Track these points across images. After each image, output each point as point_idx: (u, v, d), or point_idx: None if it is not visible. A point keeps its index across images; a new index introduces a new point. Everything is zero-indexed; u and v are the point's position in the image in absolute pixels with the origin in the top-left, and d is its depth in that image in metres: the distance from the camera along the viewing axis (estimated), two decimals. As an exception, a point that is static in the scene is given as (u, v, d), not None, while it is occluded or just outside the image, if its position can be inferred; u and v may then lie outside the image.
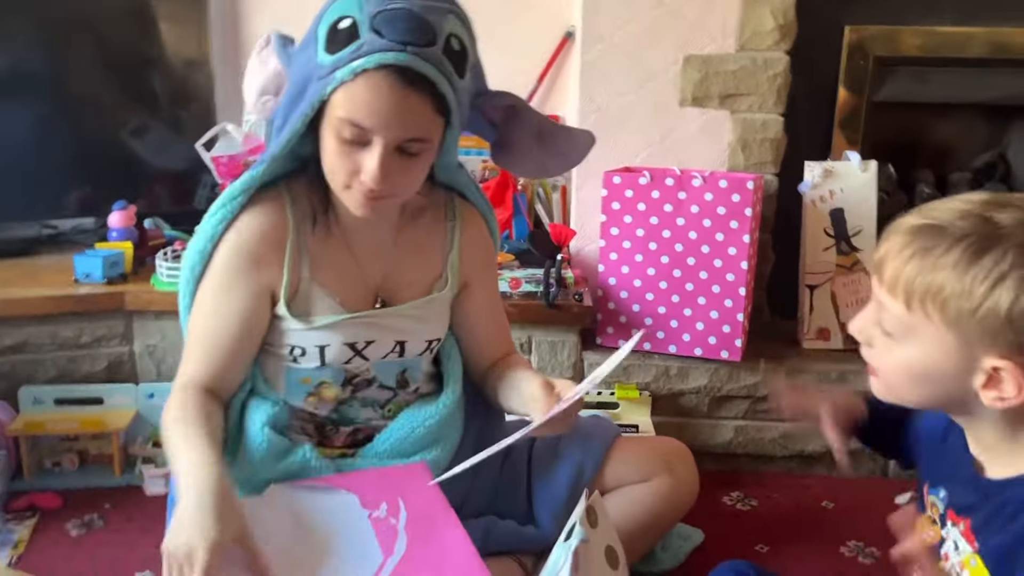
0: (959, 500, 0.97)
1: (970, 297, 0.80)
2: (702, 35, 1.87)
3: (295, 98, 1.10)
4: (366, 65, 1.02)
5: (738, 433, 1.85)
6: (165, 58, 2.16)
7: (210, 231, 1.17)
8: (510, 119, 1.22)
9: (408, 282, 1.26)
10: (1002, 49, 1.97)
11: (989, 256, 0.79)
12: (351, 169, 1.08)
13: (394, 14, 1.03)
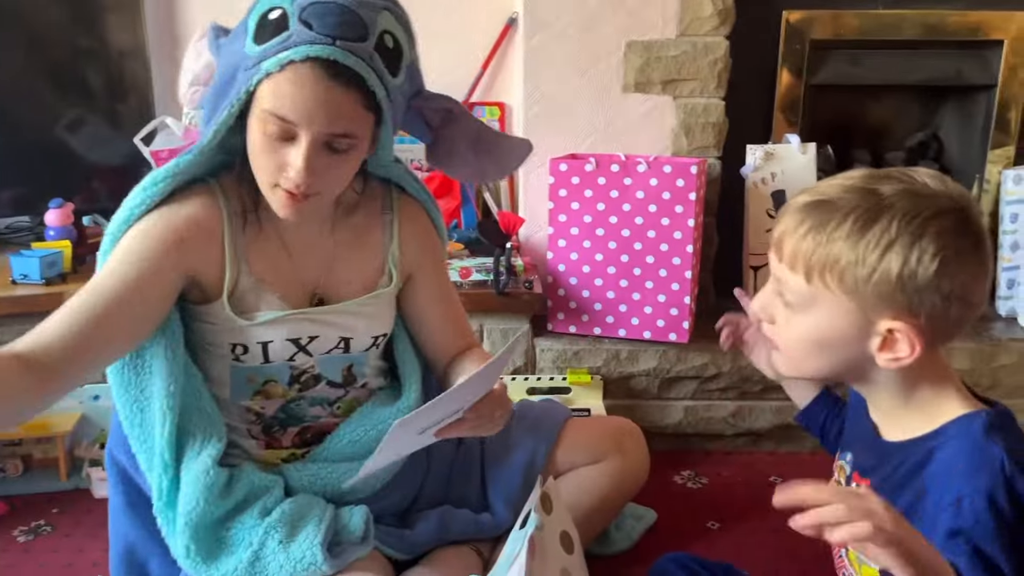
0: (862, 462, 1.01)
1: (864, 265, 0.85)
2: (643, 21, 1.88)
3: (222, 89, 1.08)
4: (292, 57, 1.01)
5: (687, 413, 1.89)
6: (99, 49, 2.10)
7: (125, 214, 1.12)
8: (447, 123, 1.21)
9: (347, 279, 1.23)
10: (933, 31, 2.02)
11: (878, 225, 0.85)
12: (276, 165, 1.06)
13: (325, 7, 1.02)
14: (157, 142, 2.02)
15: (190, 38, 2.17)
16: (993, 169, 2.09)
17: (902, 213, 0.84)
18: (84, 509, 1.64)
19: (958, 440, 0.89)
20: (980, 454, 0.86)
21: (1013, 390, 1.87)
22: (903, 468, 0.94)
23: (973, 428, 0.89)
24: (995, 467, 0.85)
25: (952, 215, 0.85)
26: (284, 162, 1.05)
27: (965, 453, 0.87)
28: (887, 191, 0.86)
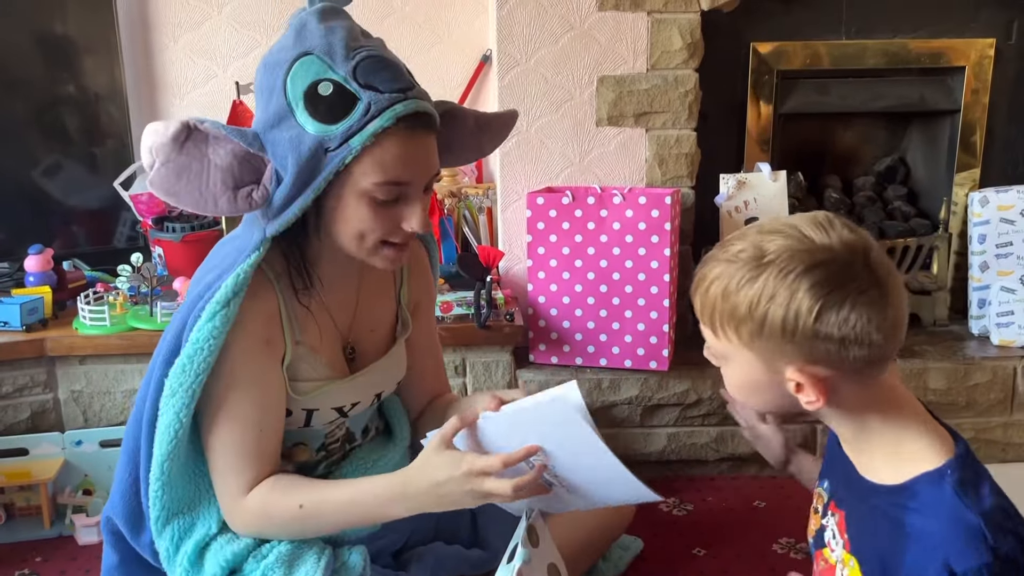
0: (838, 492, 1.04)
1: (752, 320, 0.90)
2: (614, 56, 1.92)
3: (301, 176, 1.04)
4: (385, 124, 1.01)
5: (671, 440, 1.90)
6: (77, 93, 2.11)
7: (217, 335, 1.08)
8: (446, 123, 1.19)
9: (370, 327, 1.25)
10: (897, 59, 2.08)
11: (759, 282, 0.89)
12: (389, 227, 1.08)
13: (372, 65, 1.02)
14: (136, 186, 2.03)
15: (168, 82, 2.20)
16: (960, 191, 2.14)
17: (778, 270, 0.89)
18: (68, 556, 1.62)
19: (934, 509, 0.90)
20: (961, 526, 0.87)
21: (987, 408, 1.91)
22: (876, 513, 0.95)
23: (945, 493, 0.90)
24: (978, 539, 0.86)
25: (828, 266, 0.88)
26: (396, 221, 1.08)
27: (945, 526, 0.88)
28: (771, 247, 0.90)
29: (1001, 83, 2.11)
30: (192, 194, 1.05)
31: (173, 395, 1.10)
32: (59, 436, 1.74)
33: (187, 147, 1.05)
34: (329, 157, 1.02)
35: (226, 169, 1.05)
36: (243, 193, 1.05)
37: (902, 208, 2.24)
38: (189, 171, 1.04)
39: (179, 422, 1.10)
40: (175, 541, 1.14)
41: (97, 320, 1.79)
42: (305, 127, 1.02)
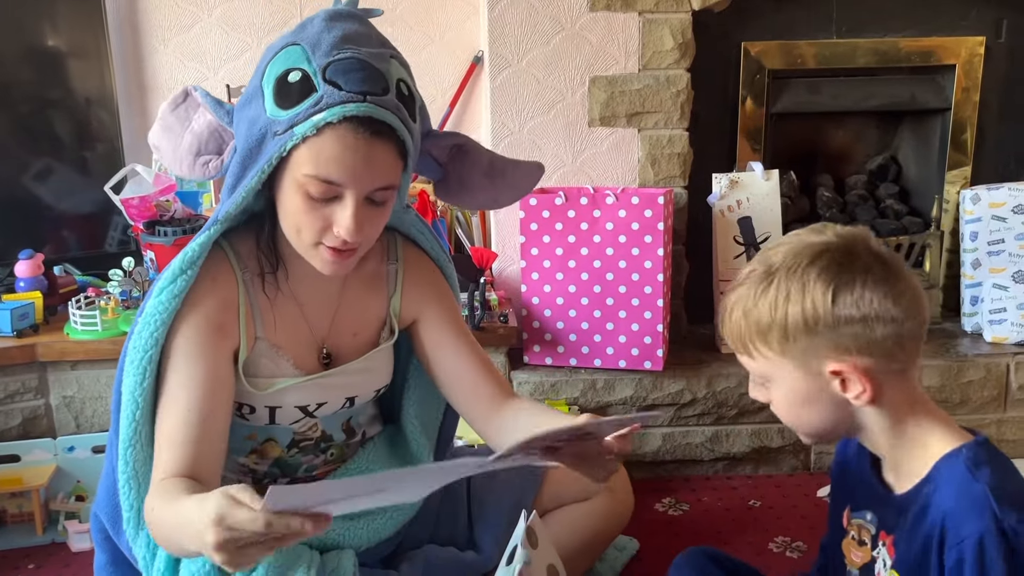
0: (885, 520, 1.03)
1: (776, 326, 0.93)
2: (606, 57, 1.92)
3: (248, 156, 1.06)
4: (329, 118, 0.99)
5: (665, 440, 1.90)
6: (67, 97, 2.10)
7: (163, 309, 1.09)
8: (458, 157, 1.20)
9: (352, 331, 1.23)
10: (887, 58, 2.09)
11: (772, 287, 0.94)
12: (320, 226, 1.05)
13: (347, 64, 1.01)
14: (127, 190, 2.02)
15: (158, 86, 2.19)
16: (951, 189, 2.15)
17: (786, 270, 0.94)
18: (62, 563, 1.61)
19: (947, 483, 0.93)
20: (967, 496, 0.90)
21: (981, 405, 1.91)
22: (911, 517, 0.96)
23: (957, 467, 0.93)
24: (983, 506, 0.89)
25: (831, 253, 0.93)
26: (328, 221, 1.05)
27: (953, 496, 0.91)
28: (776, 257, 0.95)
29: (991, 81, 2.11)
30: (168, 152, 1.15)
31: (127, 375, 1.10)
32: (51, 442, 1.73)
33: (179, 110, 1.14)
34: (273, 141, 1.03)
35: (197, 135, 1.12)
36: (202, 160, 1.12)
37: (894, 206, 2.24)
38: (172, 131, 1.14)
39: (135, 403, 1.09)
40: (151, 547, 1.12)
41: (88, 325, 1.78)
42: (266, 109, 1.04)
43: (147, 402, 1.10)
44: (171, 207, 2.04)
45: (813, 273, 0.92)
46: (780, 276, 0.93)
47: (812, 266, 0.92)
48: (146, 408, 1.10)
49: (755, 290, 0.95)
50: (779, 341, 0.94)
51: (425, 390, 1.34)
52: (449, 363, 1.27)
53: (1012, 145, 2.18)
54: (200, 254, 1.10)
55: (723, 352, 1.97)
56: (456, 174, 1.20)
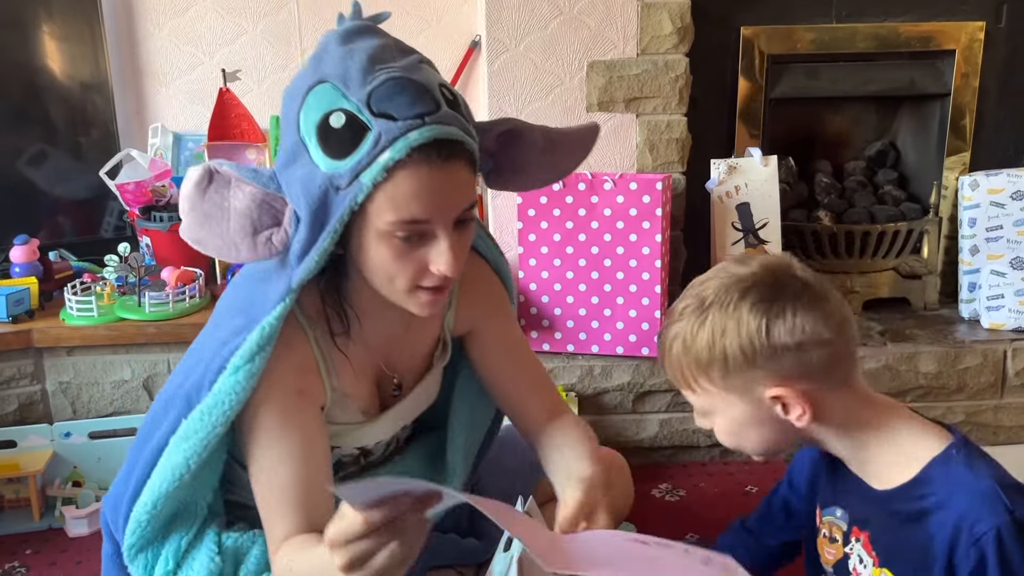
0: (857, 515, 1.04)
1: (716, 360, 0.96)
2: (604, 41, 1.91)
3: (315, 218, 0.96)
4: (396, 156, 0.91)
5: (662, 426, 1.90)
6: (61, 82, 2.09)
7: (240, 390, 1.03)
8: (510, 142, 1.10)
9: (410, 353, 1.19)
10: (886, 42, 2.08)
11: (708, 322, 0.96)
12: (415, 269, 0.99)
13: (388, 88, 0.92)
14: (123, 175, 2.01)
15: (153, 70, 2.18)
16: (950, 175, 2.14)
17: (718, 306, 0.96)
18: (58, 548, 1.61)
19: (949, 487, 0.93)
20: (977, 495, 0.92)
21: (978, 391, 1.91)
22: (897, 517, 0.97)
23: (955, 470, 0.94)
24: (994, 500, 0.90)
25: (759, 285, 0.95)
26: (423, 262, 0.98)
27: (963, 498, 0.92)
28: (708, 292, 0.97)
29: (991, 66, 2.11)
30: (215, 241, 1.00)
31: (187, 439, 1.05)
32: (47, 428, 1.73)
33: (210, 192, 0.99)
34: (340, 196, 0.94)
35: (245, 213, 0.99)
36: (262, 238, 0.99)
37: (892, 192, 2.24)
38: (211, 218, 0.99)
39: (187, 467, 1.06)
40: (148, 570, 1.12)
41: (84, 311, 1.78)
42: (317, 164, 0.94)
43: (199, 468, 1.07)
44: (167, 192, 2.03)
45: (745, 307, 0.94)
46: (714, 311, 0.96)
47: (744, 300, 0.94)
48: (194, 472, 1.07)
49: (691, 326, 0.97)
50: (720, 375, 0.96)
51: (474, 397, 1.31)
52: (499, 376, 1.26)
53: (1011, 131, 2.17)
54: (277, 328, 1.03)
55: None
56: (509, 160, 1.10)
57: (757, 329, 0.93)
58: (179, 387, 1.10)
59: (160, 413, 1.13)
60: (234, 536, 1.14)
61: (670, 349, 0.99)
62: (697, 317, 0.96)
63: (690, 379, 0.99)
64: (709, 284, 0.98)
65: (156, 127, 2.16)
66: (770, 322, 0.93)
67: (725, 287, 0.96)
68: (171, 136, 2.16)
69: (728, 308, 0.95)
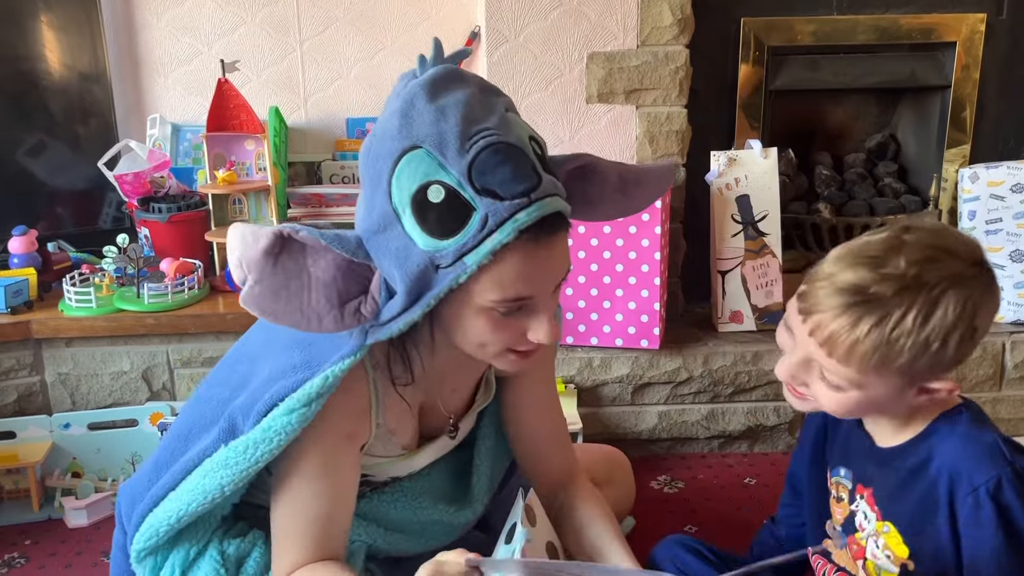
0: (862, 473, 1.05)
1: (926, 354, 0.90)
2: (604, 32, 1.90)
3: (412, 292, 0.93)
4: (504, 240, 0.88)
5: (661, 418, 1.90)
6: (59, 72, 2.08)
7: (291, 431, 1.01)
8: (583, 178, 1.08)
9: (453, 387, 1.19)
10: (887, 34, 2.07)
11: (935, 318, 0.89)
12: (513, 338, 0.98)
13: (490, 159, 0.88)
14: (121, 166, 2.01)
15: (152, 60, 2.17)
16: (950, 168, 2.13)
17: (954, 302, 0.89)
18: (58, 539, 1.62)
19: (950, 437, 0.97)
20: (977, 444, 0.95)
21: (976, 384, 1.92)
22: (903, 470, 1.00)
23: (961, 421, 0.97)
24: (995, 452, 0.93)
25: (978, 278, 0.92)
26: (521, 330, 0.98)
27: (960, 447, 0.95)
28: (930, 278, 0.90)
29: (992, 58, 2.10)
30: (292, 314, 0.93)
31: (226, 467, 1.04)
32: (47, 419, 1.73)
33: (282, 261, 0.92)
34: (441, 274, 0.91)
35: (329, 284, 0.93)
36: (350, 309, 0.94)
37: (892, 185, 2.23)
38: (287, 289, 0.92)
39: (220, 493, 1.05)
40: (153, 572, 1.12)
41: (83, 302, 1.78)
42: (413, 238, 0.90)
43: (232, 493, 1.07)
44: (166, 183, 2.03)
45: (979, 312, 0.91)
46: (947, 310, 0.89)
47: (978, 305, 0.90)
48: (228, 498, 1.08)
49: (911, 319, 0.89)
50: (911, 363, 0.91)
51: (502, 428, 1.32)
52: (525, 426, 1.27)
53: (1011, 123, 2.16)
54: (340, 380, 1.00)
55: (719, 330, 1.97)
56: (581, 193, 1.06)
57: (977, 332, 0.91)
58: (225, 401, 1.09)
59: (199, 418, 1.12)
60: (235, 543, 1.14)
61: (867, 329, 0.90)
62: (922, 307, 0.89)
63: (867, 362, 0.91)
64: (921, 262, 0.90)
65: (154, 118, 2.16)
66: (983, 325, 0.92)
67: (958, 282, 0.90)
68: (169, 127, 2.15)
69: (964, 312, 0.90)
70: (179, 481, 1.08)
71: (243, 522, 1.18)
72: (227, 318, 1.79)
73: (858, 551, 1.07)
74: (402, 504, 1.22)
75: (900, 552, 1.01)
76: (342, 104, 2.19)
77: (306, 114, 2.20)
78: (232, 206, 2.00)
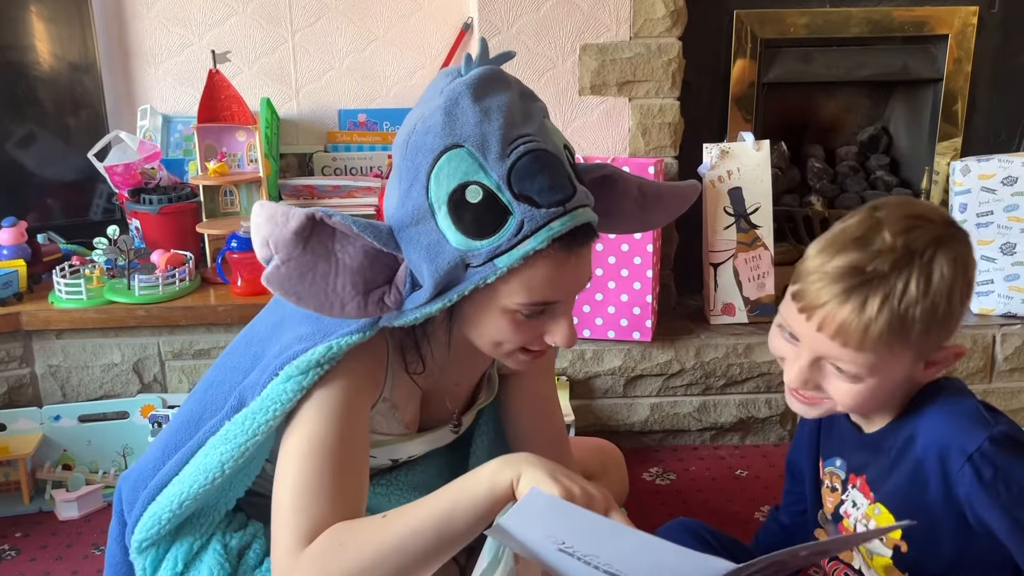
0: (854, 461, 1.06)
1: (936, 320, 0.91)
2: (597, 24, 1.90)
3: (438, 287, 0.94)
4: (538, 247, 0.90)
5: (653, 410, 1.91)
6: (49, 63, 2.07)
7: (287, 400, 1.00)
8: (603, 187, 1.08)
9: (457, 382, 1.19)
10: (880, 27, 2.07)
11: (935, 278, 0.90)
12: (531, 338, 1.00)
13: (529, 166, 0.90)
14: (111, 157, 2.00)
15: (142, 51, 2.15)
16: (941, 161, 2.14)
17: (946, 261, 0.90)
18: (49, 531, 1.61)
19: (934, 411, 0.98)
20: (958, 414, 0.96)
21: (967, 376, 1.93)
22: (892, 452, 1.01)
23: (939, 394, 0.99)
24: (977, 417, 0.95)
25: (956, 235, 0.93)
26: (540, 332, 1.00)
27: (944, 415, 0.96)
28: (917, 245, 0.90)
29: (984, 52, 2.10)
30: (317, 296, 0.94)
31: (226, 442, 1.03)
32: (37, 411, 1.72)
33: (312, 243, 0.92)
34: (470, 272, 0.93)
35: (356, 270, 0.94)
36: (375, 297, 0.96)
37: (884, 178, 2.24)
38: (314, 271, 0.93)
39: (221, 471, 1.04)
40: (154, 566, 1.11)
41: (73, 294, 1.77)
42: (446, 235, 0.91)
43: (233, 473, 1.06)
44: (156, 175, 2.02)
45: (970, 263, 0.92)
46: (941, 266, 0.90)
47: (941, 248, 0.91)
48: (228, 476, 1.05)
49: (914, 288, 0.89)
50: (924, 335, 0.91)
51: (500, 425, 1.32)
52: (522, 424, 1.27)
53: (1003, 117, 2.17)
54: (344, 352, 1.00)
55: (711, 323, 1.97)
56: (602, 205, 1.05)
57: (971, 289, 0.93)
58: (236, 384, 1.08)
59: (209, 402, 1.11)
60: (237, 536, 1.13)
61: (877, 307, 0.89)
62: (919, 274, 0.90)
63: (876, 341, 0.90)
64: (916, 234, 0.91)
65: (145, 109, 2.15)
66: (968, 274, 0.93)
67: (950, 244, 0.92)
68: (160, 118, 2.14)
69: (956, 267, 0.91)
70: (184, 465, 1.08)
71: (242, 514, 1.18)
72: (218, 310, 1.78)
73: None
74: (396, 497, 1.22)
75: (893, 534, 1.01)
76: (334, 95, 2.18)
77: (298, 105, 2.19)
78: (223, 198, 1.99)
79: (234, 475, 1.07)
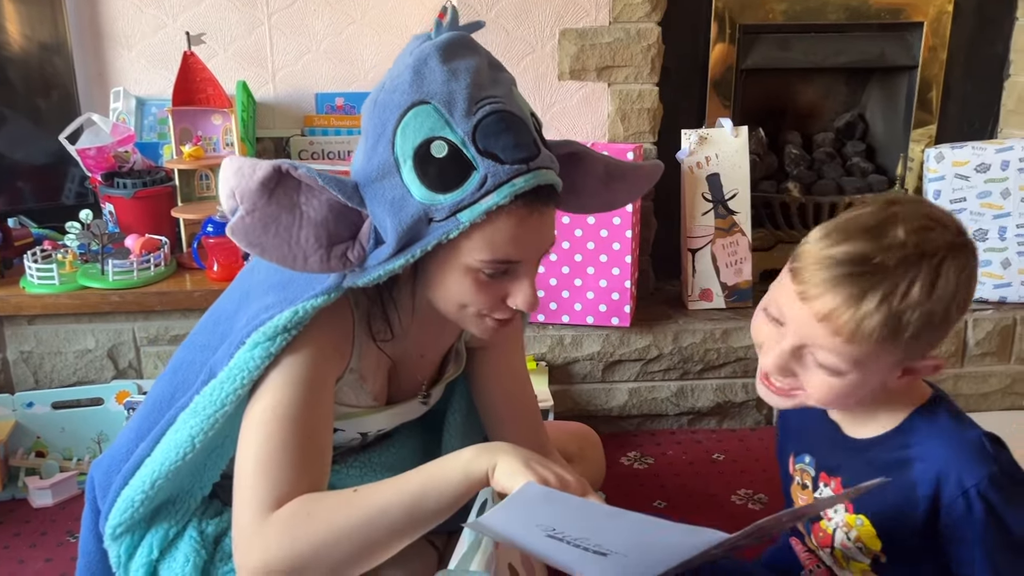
0: (827, 462, 1.05)
1: (932, 322, 0.89)
2: (576, 8, 1.89)
3: (400, 242, 0.94)
4: (500, 201, 0.91)
5: (631, 395, 1.92)
6: (17, 43, 2.02)
7: (254, 367, 0.99)
8: (570, 164, 1.08)
9: (420, 353, 1.19)
10: (857, 14, 2.08)
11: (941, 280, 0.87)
12: (494, 301, 1.00)
13: (495, 124, 0.92)
14: (83, 140, 1.96)
15: (115, 32, 2.12)
16: (916, 148, 2.16)
17: (954, 270, 0.88)
18: (22, 519, 1.59)
19: (935, 435, 0.95)
20: (963, 443, 0.93)
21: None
22: (878, 463, 0.98)
23: (941, 417, 0.96)
24: (982, 451, 0.92)
25: (967, 247, 0.91)
26: (503, 294, 1.00)
27: (945, 447, 0.94)
28: (929, 248, 0.88)
29: (959, 39, 2.12)
30: (280, 248, 0.94)
31: (195, 415, 1.02)
32: (9, 398, 1.70)
33: (277, 195, 0.93)
34: (432, 227, 0.93)
35: (320, 223, 0.95)
36: (337, 252, 0.96)
37: (860, 164, 2.26)
38: (278, 223, 0.93)
39: (192, 446, 1.02)
40: (128, 552, 1.09)
41: (45, 279, 1.74)
42: (411, 189, 0.92)
43: (204, 450, 1.04)
44: (130, 158, 1.99)
45: (973, 277, 0.90)
46: (948, 271, 0.87)
47: (951, 256, 0.88)
48: (199, 451, 1.04)
49: (917, 288, 0.87)
50: (915, 335, 0.88)
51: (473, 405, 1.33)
52: (494, 399, 1.27)
53: (977, 104, 2.19)
54: (310, 316, 0.99)
55: (689, 308, 1.98)
56: (566, 180, 1.05)
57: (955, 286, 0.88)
58: (205, 363, 1.07)
59: (180, 383, 1.10)
60: (214, 523, 1.13)
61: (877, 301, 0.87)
62: (926, 274, 0.87)
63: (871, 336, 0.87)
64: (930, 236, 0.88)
65: (118, 91, 2.11)
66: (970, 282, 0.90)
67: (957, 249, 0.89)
68: (134, 100, 2.11)
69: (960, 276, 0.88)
70: (156, 445, 1.07)
71: (218, 500, 1.17)
72: (194, 295, 1.77)
73: (824, 538, 1.06)
74: (370, 477, 1.22)
75: (873, 545, 1.00)
76: (311, 79, 2.16)
77: (274, 89, 2.16)
78: (199, 182, 1.97)
79: (206, 453, 1.06)
